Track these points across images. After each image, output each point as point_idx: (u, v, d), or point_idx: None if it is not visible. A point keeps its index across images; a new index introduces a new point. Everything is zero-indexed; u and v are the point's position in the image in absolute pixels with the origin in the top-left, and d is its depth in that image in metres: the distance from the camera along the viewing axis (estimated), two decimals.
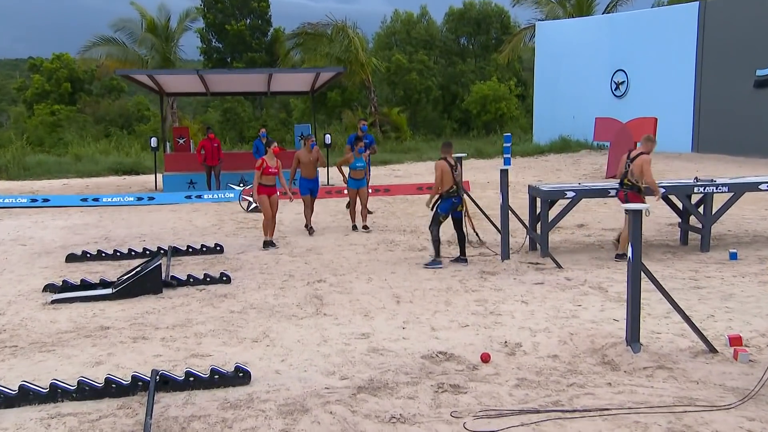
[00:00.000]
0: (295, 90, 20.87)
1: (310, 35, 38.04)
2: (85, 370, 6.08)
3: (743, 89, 23.90)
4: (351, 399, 5.35)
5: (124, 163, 25.38)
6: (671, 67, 26.48)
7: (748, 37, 23.56)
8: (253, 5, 45.27)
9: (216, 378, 5.69)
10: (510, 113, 43.45)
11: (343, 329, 7.07)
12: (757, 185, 10.14)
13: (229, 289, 8.76)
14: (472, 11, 48.76)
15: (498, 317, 7.28)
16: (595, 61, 29.72)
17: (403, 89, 44.28)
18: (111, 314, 7.76)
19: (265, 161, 11.03)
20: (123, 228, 13.50)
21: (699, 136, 25.82)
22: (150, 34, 36.55)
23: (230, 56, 44.52)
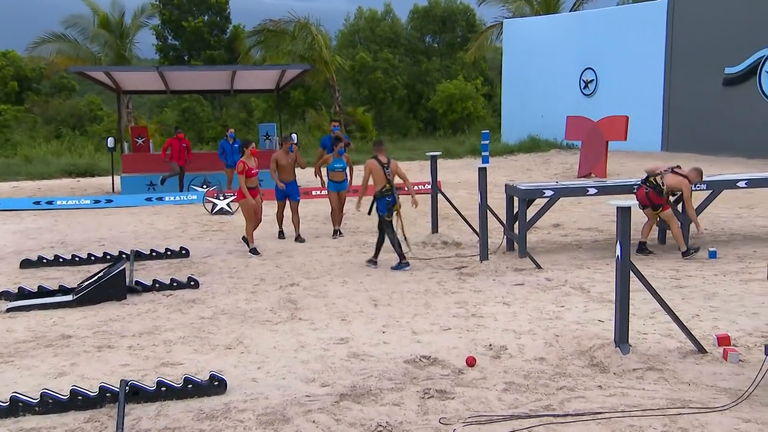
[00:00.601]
0: (259, 88, 20.63)
1: (271, 32, 37.63)
2: (48, 382, 5.87)
3: (712, 87, 24.30)
4: (334, 407, 5.24)
5: (77, 165, 24.90)
6: (640, 66, 26.83)
7: (716, 34, 23.97)
8: (212, 1, 44.86)
9: (190, 387, 5.52)
10: (477, 113, 43.65)
11: (320, 334, 6.95)
12: (734, 183, 10.27)
13: (198, 294, 8.58)
14: (438, 9, 48.85)
15: (480, 319, 7.22)
16: (564, 59, 30.00)
17: (368, 88, 44.20)
18: (72, 322, 7.53)
19: (246, 164, 10.64)
20: (80, 232, 13.20)
21: (668, 135, 26.21)
22: (103, 30, 35.87)
23: (187, 54, 44.04)
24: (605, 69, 28.44)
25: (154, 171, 18.20)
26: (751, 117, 22.96)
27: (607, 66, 28.31)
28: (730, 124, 23.45)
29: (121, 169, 18.49)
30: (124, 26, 36.88)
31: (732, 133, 23.36)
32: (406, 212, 14.25)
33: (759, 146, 22.07)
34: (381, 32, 47.13)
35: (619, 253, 5.78)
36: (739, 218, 12.74)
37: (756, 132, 22.61)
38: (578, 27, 29.93)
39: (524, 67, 31.97)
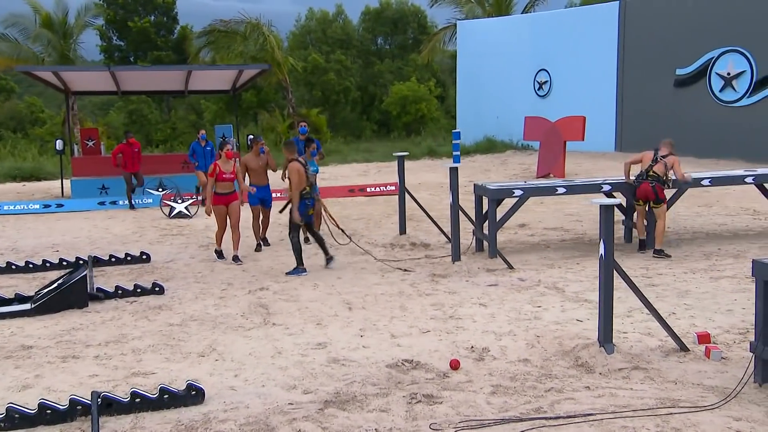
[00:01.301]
0: (215, 89, 20.27)
1: (222, 33, 37.17)
2: (11, 395, 5.59)
3: (664, 88, 24.71)
4: (318, 414, 5.08)
5: (22, 169, 24.13)
6: (593, 67, 27.14)
7: (667, 36, 24.39)
8: (158, 1, 44.22)
9: (166, 398, 5.30)
10: (430, 114, 43.73)
11: (296, 339, 6.77)
12: (699, 181, 10.38)
13: (163, 300, 8.32)
14: (389, 11, 48.87)
15: (459, 321, 7.13)
16: (518, 60, 30.20)
17: (321, 90, 43.91)
18: (32, 332, 7.21)
19: (218, 166, 10.04)
20: (31, 238, 12.74)
21: (622, 135, 26.56)
22: (46, 30, 35.00)
23: (133, 55, 43.23)
24: (559, 70, 28.72)
25: (106, 174, 17.71)
26: (701, 117, 23.41)
27: (560, 67, 28.59)
28: (681, 124, 23.85)
29: (71, 173, 17.94)
30: (68, 26, 36.08)
31: (683, 132, 23.68)
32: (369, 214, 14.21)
33: (709, 145, 22.49)
34: (333, 33, 46.92)
35: (602, 251, 5.75)
36: (699, 216, 12.92)
37: (706, 132, 23.05)
38: (532, 29, 30.17)
39: (479, 68, 32.10)
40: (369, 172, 24.36)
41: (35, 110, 43.59)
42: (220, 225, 10.32)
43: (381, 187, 17.72)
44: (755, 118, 21.91)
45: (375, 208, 15.45)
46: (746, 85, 22.19)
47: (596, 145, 25.35)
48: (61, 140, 18.90)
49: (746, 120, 22.13)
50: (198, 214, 14.43)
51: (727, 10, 22.57)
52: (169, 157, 18.23)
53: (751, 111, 22.15)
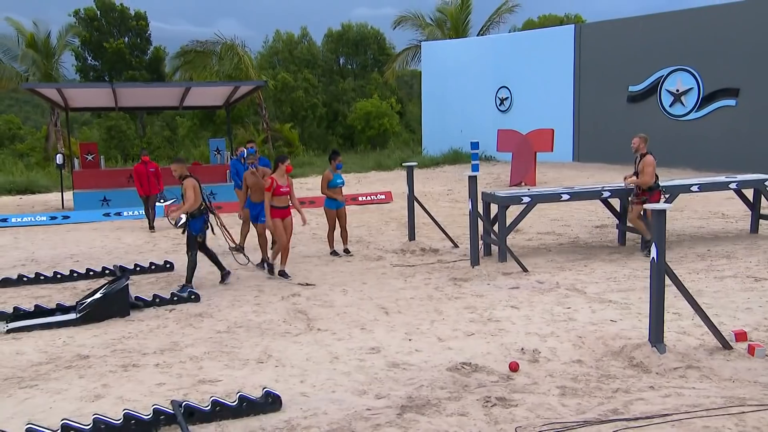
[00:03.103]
0: (208, 104, 19.72)
1: (198, 53, 36.78)
2: (86, 406, 5.20)
3: (618, 104, 24.96)
4: (400, 420, 4.81)
5: (16, 183, 23.19)
6: (551, 84, 27.28)
7: (620, 56, 24.65)
8: (132, 23, 43.68)
9: (245, 405, 4.98)
10: (393, 129, 43.91)
11: (347, 344, 6.48)
12: (688, 187, 10.40)
13: (201, 307, 7.93)
14: (350, 33, 49.15)
15: (498, 324, 6.91)
16: (480, 78, 30.21)
17: (290, 106, 43.72)
18: (83, 341, 6.79)
19: (275, 180, 9.13)
20: (47, 249, 12.15)
21: (579, 147, 26.75)
22: (31, 50, 34.05)
23: (108, 74, 42.38)
24: (519, 87, 28.82)
25: (107, 187, 17.16)
26: (652, 130, 23.48)
27: (520, 85, 28.69)
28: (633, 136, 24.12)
29: (73, 186, 17.27)
30: (50, 46, 35.19)
31: None
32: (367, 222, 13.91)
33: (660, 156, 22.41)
34: (299, 54, 46.94)
35: (654, 255, 5.59)
36: (675, 220, 12.95)
37: (657, 143, 23.07)
38: (493, 49, 30.23)
39: (442, 85, 32.07)
40: (350, 182, 24.00)
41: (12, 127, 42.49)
42: (281, 240, 9.25)
43: (372, 196, 17.45)
44: (702, 130, 22.25)
45: (371, 216, 15.16)
46: (694, 101, 22.51)
47: (555, 156, 25.40)
48: (61, 155, 18.20)
49: (694, 132, 22.46)
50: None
51: (675, 33, 22.89)
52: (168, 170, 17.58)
53: (698, 124, 22.49)
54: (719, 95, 21.80)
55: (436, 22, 40.06)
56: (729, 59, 21.43)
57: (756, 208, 11.11)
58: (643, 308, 7.20)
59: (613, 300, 7.57)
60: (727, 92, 21.60)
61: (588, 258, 9.89)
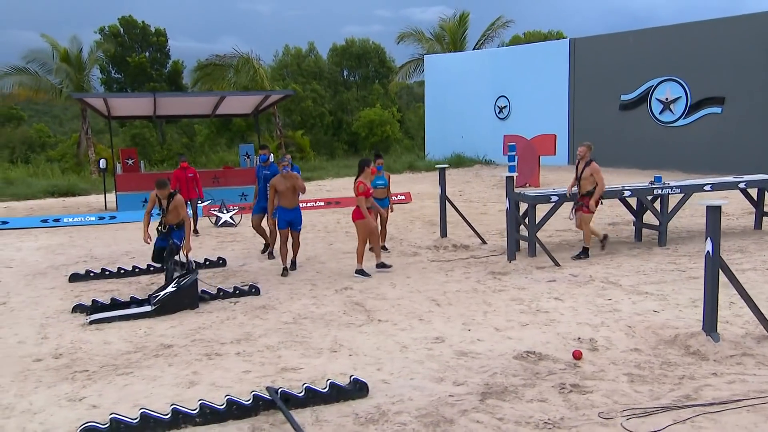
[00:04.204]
0: (238, 112, 19.56)
1: (217, 66, 36.89)
2: (183, 392, 5.08)
3: (610, 111, 24.88)
4: (483, 405, 4.69)
5: (59, 186, 22.97)
6: (547, 93, 27.18)
7: (612, 67, 24.57)
8: (152, 39, 43.77)
9: (335, 392, 4.86)
10: (394, 135, 44.04)
11: (411, 334, 6.35)
12: (701, 186, 10.30)
13: (263, 300, 7.78)
14: (354, 47, 49.35)
15: (548, 315, 6.79)
16: (480, 88, 30.09)
17: (300, 115, 43.84)
18: (163, 331, 6.64)
19: (364, 183, 8.88)
20: (102, 246, 11.97)
21: (574, 151, 26.57)
22: (64, 64, 33.91)
23: (130, 87, 42.33)
24: (517, 96, 28.71)
25: (147, 189, 16.93)
26: (643, 135, 23.67)
27: (518, 94, 28.58)
28: (626, 141, 24.08)
29: (115, 188, 17.08)
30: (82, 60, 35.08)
31: (628, 148, 23.99)
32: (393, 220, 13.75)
33: (650, 159, 22.75)
34: (306, 67, 47.07)
35: (710, 248, 5.48)
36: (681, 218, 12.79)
37: (648, 147, 23.32)
38: (492, 62, 30.13)
39: (444, 95, 31.99)
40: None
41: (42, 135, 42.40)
42: (364, 239, 9.02)
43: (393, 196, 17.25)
44: (690, 136, 22.20)
45: (395, 215, 14.91)
46: (682, 109, 22.45)
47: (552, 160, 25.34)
48: (105, 160, 18.03)
49: (682, 138, 22.41)
50: (242, 223, 13.83)
51: (664, 46, 22.83)
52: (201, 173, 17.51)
53: (686, 130, 22.43)
54: (706, 103, 21.74)
55: (435, 37, 40.06)
56: (715, 70, 21.37)
57: (760, 206, 11.03)
58: (679, 299, 7.13)
59: (649, 292, 7.47)
60: (714, 100, 21.54)
61: (611, 253, 9.77)
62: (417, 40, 40.17)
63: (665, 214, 10.13)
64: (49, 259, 10.74)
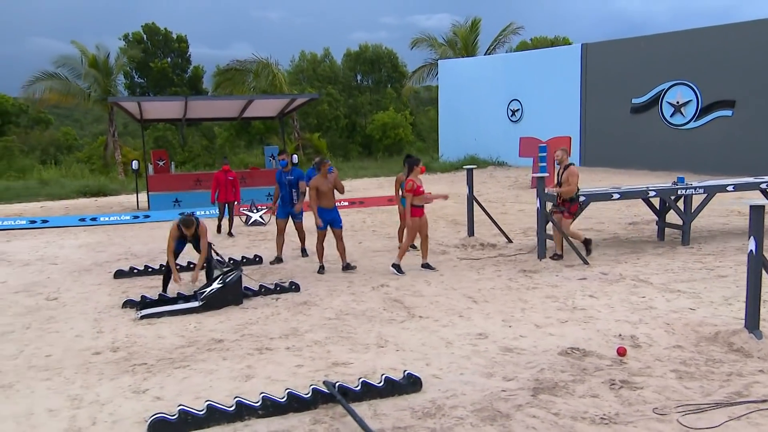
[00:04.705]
0: (264, 115, 19.56)
1: (238, 71, 37.08)
2: (241, 385, 5.05)
3: (621, 114, 24.72)
4: (537, 400, 4.64)
5: (90, 186, 23.07)
6: (559, 97, 27.03)
7: (624, 72, 24.40)
8: (174, 45, 44.04)
9: (389, 386, 4.82)
10: (406, 138, 44.06)
11: (453, 330, 6.29)
12: (724, 187, 10.19)
13: (303, 297, 7.75)
14: (367, 53, 49.50)
15: (585, 312, 6.72)
16: (493, 92, 29.97)
17: (316, 118, 43.96)
18: (212, 326, 6.62)
19: (414, 181, 8.78)
20: (140, 244, 11.99)
21: (585, 153, 26.48)
22: (93, 70, 34.14)
23: (153, 91, 42.57)
24: (529, 100, 28.57)
25: (178, 189, 17.02)
26: (654, 137, 23.49)
27: (531, 98, 28.44)
28: (637, 143, 23.93)
29: (147, 188, 17.12)
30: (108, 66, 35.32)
31: (639, 150, 23.84)
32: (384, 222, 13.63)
33: (661, 160, 22.59)
34: (322, 72, 47.20)
35: (753, 247, 5.37)
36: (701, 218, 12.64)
37: (658, 149, 23.15)
38: (504, 67, 30.01)
39: (458, 98, 31.89)
40: (383, 185, 23.84)
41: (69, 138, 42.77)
42: (413, 236, 8.96)
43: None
44: (701, 138, 22.02)
45: None
46: (693, 111, 22.27)
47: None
48: (137, 161, 18.09)
49: (693, 140, 22.23)
50: (271, 222, 13.81)
51: (675, 51, 22.65)
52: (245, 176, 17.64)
53: (697, 132, 22.25)
54: (717, 106, 21.56)
55: (447, 42, 40.00)
56: (725, 74, 21.18)
57: None
58: (713, 297, 7.03)
59: (681, 290, 7.37)
60: (724, 104, 21.35)
61: (636, 252, 9.68)
62: (430, 46, 40.12)
63: (689, 214, 10.02)
64: (91, 257, 10.76)
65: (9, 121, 40.35)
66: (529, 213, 14.14)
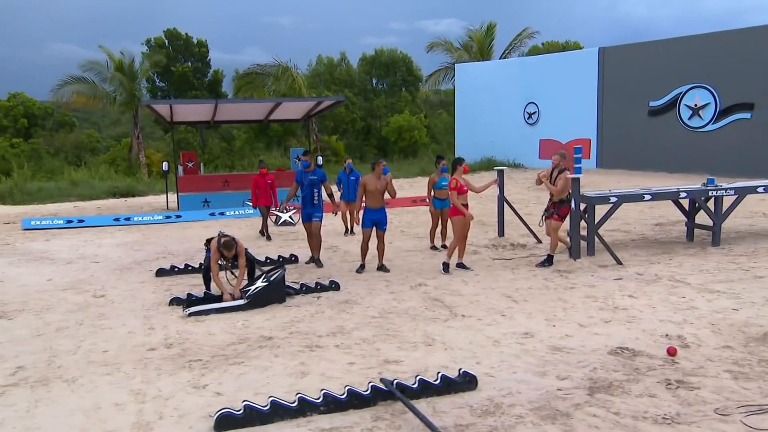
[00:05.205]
0: (290, 118, 19.56)
1: (258, 75, 37.17)
2: (297, 382, 5.01)
3: (639, 117, 24.51)
4: (594, 399, 4.56)
5: (119, 187, 23.20)
6: (576, 100, 26.83)
7: (641, 75, 24.19)
8: (195, 50, 44.28)
9: (445, 384, 4.76)
10: (421, 140, 44.06)
11: (498, 329, 6.22)
12: (755, 188, 10.05)
13: (344, 296, 7.70)
14: (382, 57, 49.55)
15: (627, 312, 6.62)
16: (510, 95, 29.82)
17: (333, 120, 44.04)
18: (259, 324, 6.59)
19: (458, 180, 8.79)
20: (175, 243, 12.00)
21: (602, 156, 26.29)
22: (118, 74, 34.41)
23: (174, 95, 42.79)
24: (546, 103, 28.40)
25: (206, 190, 17.05)
26: (672, 140, 23.26)
27: (547, 101, 28.27)
28: (654, 146, 23.71)
29: (177, 189, 17.16)
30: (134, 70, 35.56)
31: (656, 152, 23.63)
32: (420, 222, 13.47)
33: (679, 162, 22.37)
34: (339, 76, 47.32)
35: None
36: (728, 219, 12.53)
37: (676, 151, 22.92)
38: (521, 70, 29.87)
39: (474, 101, 31.79)
40: (403, 186, 23.74)
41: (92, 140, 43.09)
42: (462, 236, 8.85)
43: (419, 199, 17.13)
44: (719, 140, 21.79)
45: None
46: (711, 114, 22.05)
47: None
48: (167, 162, 18.15)
49: (711, 142, 22.00)
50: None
51: (694, 54, 22.42)
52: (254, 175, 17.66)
53: (715, 135, 22.02)
54: (735, 109, 21.32)
55: (463, 46, 39.92)
56: (744, 77, 20.93)
57: None
58: (753, 298, 6.92)
59: (720, 290, 7.26)
60: (743, 106, 21.10)
61: (667, 252, 9.56)
62: (446, 50, 40.05)
63: (719, 215, 9.88)
64: (129, 255, 10.78)
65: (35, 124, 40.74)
66: None
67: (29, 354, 5.71)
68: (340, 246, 11.14)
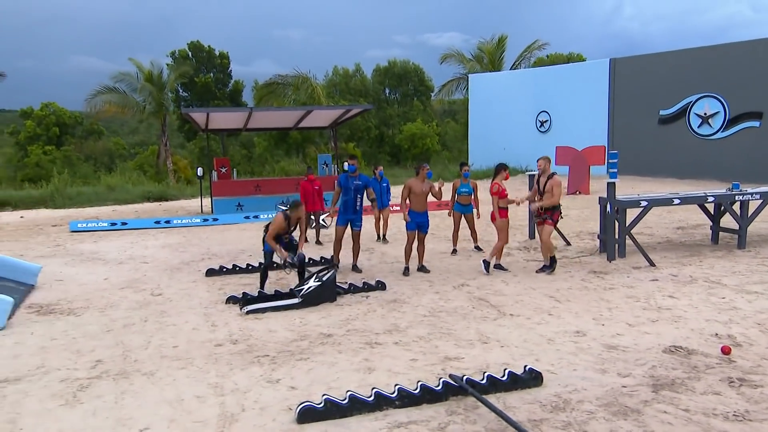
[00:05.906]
0: (317, 125, 19.55)
1: (279, 85, 37.30)
2: (366, 377, 4.96)
3: (649, 125, 24.34)
4: (660, 396, 4.47)
5: (153, 192, 23.28)
6: (588, 109, 26.71)
7: (652, 85, 24.05)
8: (217, 61, 44.55)
9: (512, 380, 4.69)
10: (433, 148, 44.10)
11: (550, 328, 6.13)
12: None
13: (391, 295, 7.63)
14: (395, 68, 49.73)
15: (671, 311, 6.52)
16: (522, 104, 29.72)
17: (349, 129, 44.16)
18: (316, 321, 6.54)
19: (500, 185, 8.68)
20: (217, 245, 11.97)
21: None
22: (148, 84, 34.62)
23: (197, 104, 43.02)
24: (558, 111, 28.28)
25: (239, 194, 17.07)
26: (682, 147, 23.09)
27: (559, 109, 28.15)
28: (664, 153, 23.53)
29: (211, 194, 17.18)
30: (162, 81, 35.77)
31: (666, 159, 23.45)
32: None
33: (689, 169, 22.20)
34: (354, 86, 47.45)
35: None
36: None
37: (686, 158, 22.75)
38: (533, 80, 29.77)
39: (487, 110, 31.72)
40: None
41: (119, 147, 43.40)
42: (504, 237, 8.77)
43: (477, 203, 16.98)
44: (728, 148, 21.61)
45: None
46: (720, 122, 21.87)
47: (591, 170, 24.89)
48: (201, 168, 18.18)
49: (720, 150, 21.81)
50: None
51: (703, 65, 22.27)
52: (285, 180, 17.71)
53: (724, 143, 21.84)
54: (744, 118, 21.14)
55: (475, 58, 39.89)
56: (753, 87, 20.76)
57: None
58: None
59: (758, 291, 7.15)
60: (751, 115, 20.92)
61: (696, 255, 9.43)
62: (458, 61, 40.05)
63: (745, 219, 9.75)
64: (176, 256, 10.77)
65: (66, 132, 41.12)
66: (575, 218, 13.93)
67: (104, 348, 5.69)
68: (376, 248, 11.08)
